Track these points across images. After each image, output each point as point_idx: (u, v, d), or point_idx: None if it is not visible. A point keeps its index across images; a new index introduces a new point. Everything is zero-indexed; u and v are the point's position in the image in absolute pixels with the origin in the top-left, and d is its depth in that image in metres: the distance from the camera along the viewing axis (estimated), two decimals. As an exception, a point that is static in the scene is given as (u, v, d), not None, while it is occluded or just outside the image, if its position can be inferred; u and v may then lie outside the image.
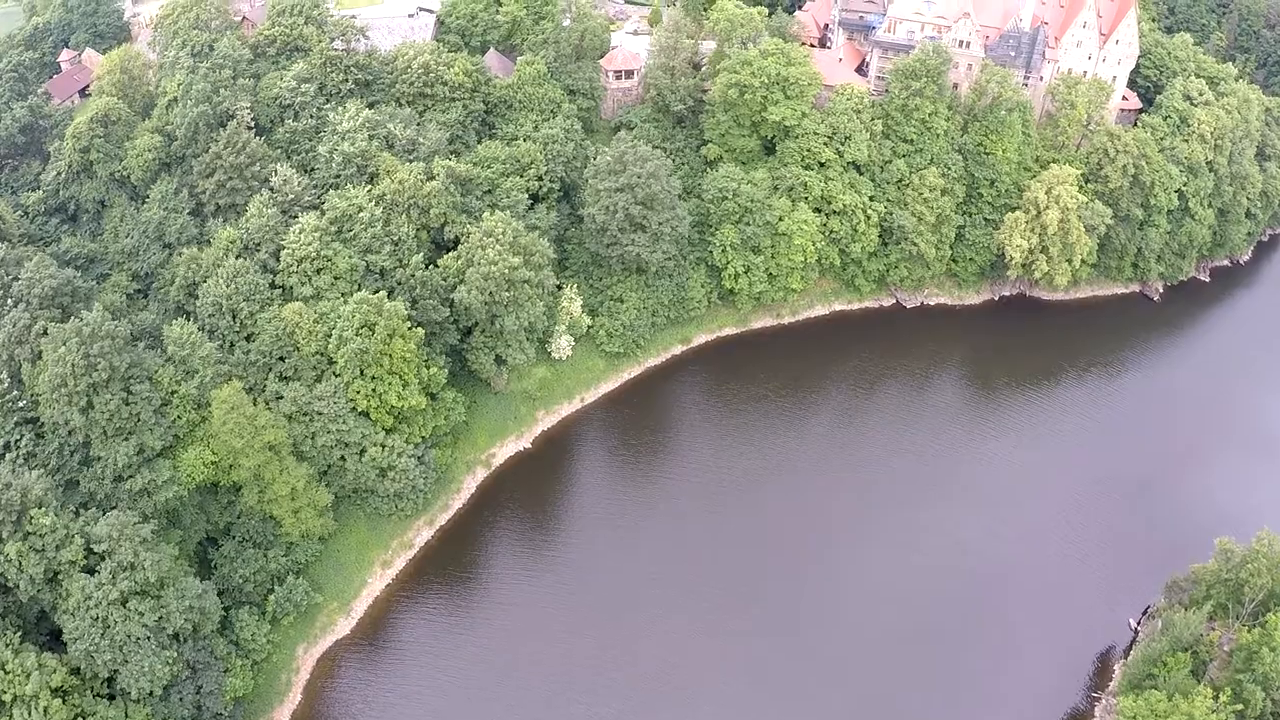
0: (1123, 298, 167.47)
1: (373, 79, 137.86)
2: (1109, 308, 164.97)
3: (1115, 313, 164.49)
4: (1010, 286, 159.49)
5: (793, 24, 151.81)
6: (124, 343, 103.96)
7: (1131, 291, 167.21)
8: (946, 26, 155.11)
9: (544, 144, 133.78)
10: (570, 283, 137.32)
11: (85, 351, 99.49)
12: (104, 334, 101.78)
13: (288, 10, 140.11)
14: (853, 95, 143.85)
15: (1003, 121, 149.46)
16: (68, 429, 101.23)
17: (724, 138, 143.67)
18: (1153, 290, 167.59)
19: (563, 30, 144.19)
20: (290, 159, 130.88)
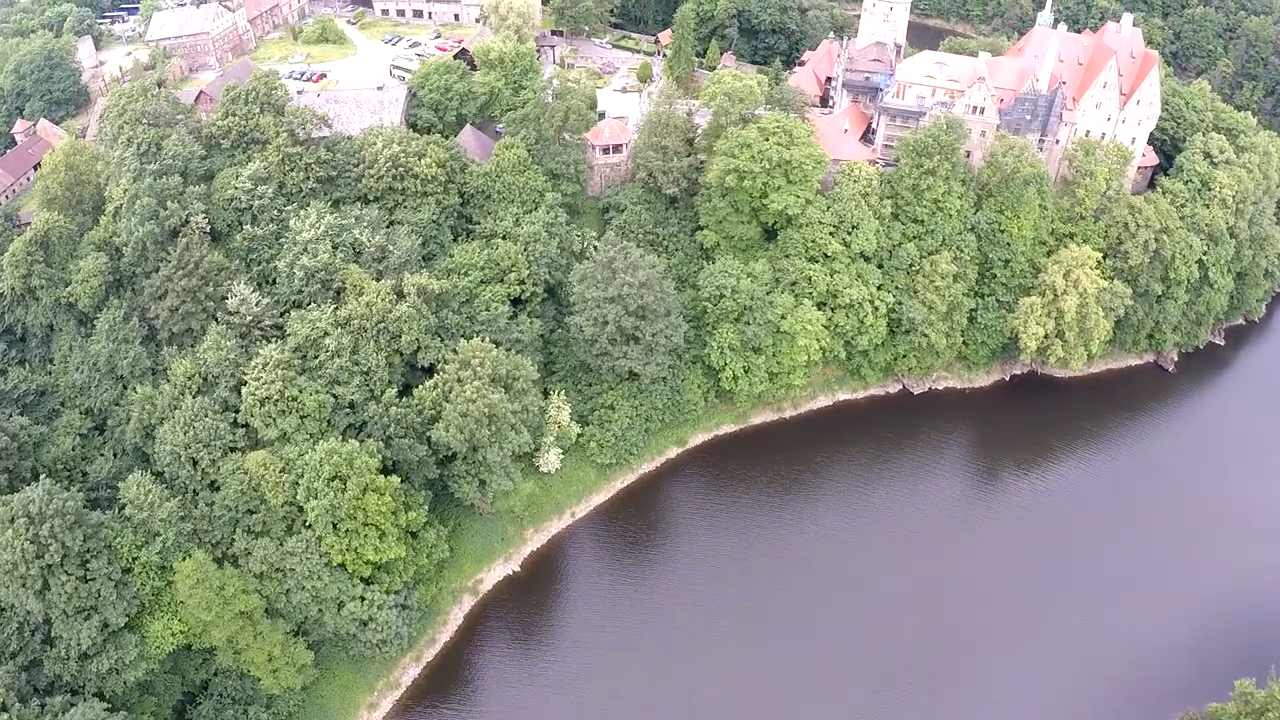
0: (1136, 370, 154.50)
1: (337, 173, 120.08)
2: (1122, 382, 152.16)
3: (1129, 387, 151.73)
4: (1021, 365, 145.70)
5: (796, 98, 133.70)
6: (75, 519, 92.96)
7: (1145, 362, 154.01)
8: (959, 91, 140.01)
9: (525, 244, 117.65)
10: (558, 388, 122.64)
11: (35, 534, 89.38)
12: (53, 512, 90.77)
13: (242, 97, 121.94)
14: (860, 178, 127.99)
15: (1019, 197, 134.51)
16: (25, 609, 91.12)
17: (721, 224, 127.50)
18: (1167, 360, 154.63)
19: (544, 109, 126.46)
20: (249, 268, 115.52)
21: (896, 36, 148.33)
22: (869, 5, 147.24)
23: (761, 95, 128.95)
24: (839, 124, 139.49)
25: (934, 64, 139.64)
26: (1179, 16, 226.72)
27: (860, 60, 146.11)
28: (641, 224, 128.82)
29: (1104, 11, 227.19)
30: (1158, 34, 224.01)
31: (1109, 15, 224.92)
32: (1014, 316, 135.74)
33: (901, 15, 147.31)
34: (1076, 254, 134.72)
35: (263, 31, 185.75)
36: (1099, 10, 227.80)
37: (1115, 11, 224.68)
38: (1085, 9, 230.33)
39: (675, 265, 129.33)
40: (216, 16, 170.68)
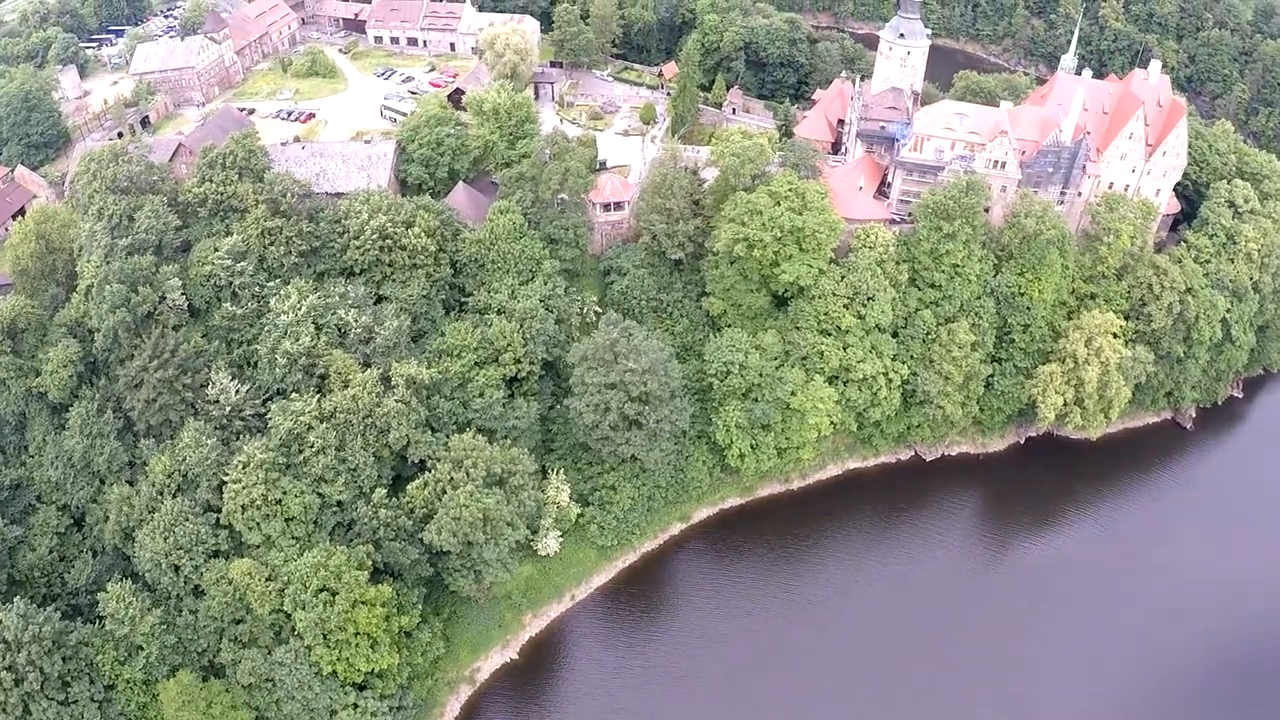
0: (1153, 428, 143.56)
1: (320, 244, 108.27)
2: (1139, 441, 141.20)
3: (1146, 447, 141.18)
4: (1036, 427, 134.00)
5: (809, 155, 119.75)
6: (53, 642, 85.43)
7: (1163, 420, 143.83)
8: (980, 145, 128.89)
9: (521, 320, 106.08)
10: (556, 467, 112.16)
11: (11, 662, 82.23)
12: (29, 638, 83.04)
13: (219, 162, 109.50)
14: (876, 244, 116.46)
15: (1041, 259, 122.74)
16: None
17: (728, 292, 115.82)
18: (1185, 417, 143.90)
19: (541, 169, 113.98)
20: (230, 349, 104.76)
21: (914, 83, 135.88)
22: (885, 49, 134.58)
23: (772, 153, 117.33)
24: (853, 179, 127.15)
25: (953, 115, 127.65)
26: (1193, 39, 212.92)
27: (875, 107, 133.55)
28: (644, 289, 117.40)
29: (1118, 34, 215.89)
30: (1172, 57, 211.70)
31: (1123, 38, 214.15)
32: (1032, 384, 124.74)
33: (919, 60, 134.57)
34: (1099, 320, 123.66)
35: (251, 62, 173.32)
36: (1113, 32, 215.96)
37: (1129, 35, 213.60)
38: (1099, 30, 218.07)
39: (680, 333, 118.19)
40: (202, 50, 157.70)
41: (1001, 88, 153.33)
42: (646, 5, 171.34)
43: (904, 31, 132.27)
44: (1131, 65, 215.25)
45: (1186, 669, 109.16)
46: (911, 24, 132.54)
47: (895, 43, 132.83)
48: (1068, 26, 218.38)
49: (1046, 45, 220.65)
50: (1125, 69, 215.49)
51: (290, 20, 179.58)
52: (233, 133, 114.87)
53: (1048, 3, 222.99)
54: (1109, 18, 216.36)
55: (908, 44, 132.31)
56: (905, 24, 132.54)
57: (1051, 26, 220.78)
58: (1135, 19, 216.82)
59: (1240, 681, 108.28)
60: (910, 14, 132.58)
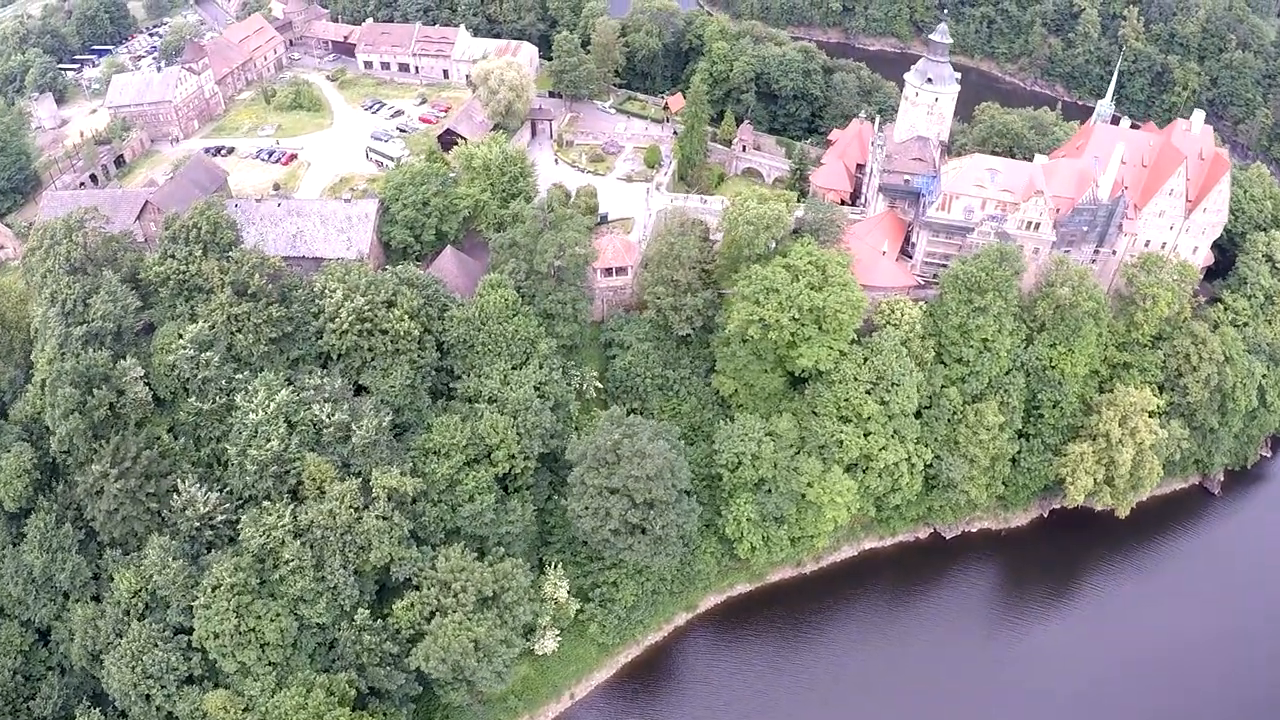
0: (1180, 494, 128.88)
1: (294, 328, 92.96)
2: (1165, 510, 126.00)
3: (1173, 515, 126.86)
4: (1060, 499, 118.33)
5: (830, 218, 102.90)
6: None
7: (1190, 485, 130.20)
8: (1013, 204, 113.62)
9: (515, 412, 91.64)
10: (554, 560, 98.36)
11: None
12: None
13: (183, 235, 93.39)
14: (902, 321, 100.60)
15: (1075, 331, 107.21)
16: None
17: (740, 372, 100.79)
18: (1213, 483, 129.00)
19: (535, 238, 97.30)
20: (198, 447, 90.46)
21: (941, 132, 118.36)
22: (910, 94, 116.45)
23: (790, 219, 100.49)
24: (875, 240, 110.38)
25: (984, 171, 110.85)
26: (1215, 61, 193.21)
27: (900, 159, 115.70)
28: (649, 366, 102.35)
29: (1138, 54, 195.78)
30: (1193, 80, 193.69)
31: (1143, 59, 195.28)
32: (1061, 463, 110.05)
33: (948, 107, 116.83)
34: (1135, 398, 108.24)
35: (234, 90, 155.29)
36: (1133, 52, 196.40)
37: (1150, 56, 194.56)
38: (1118, 50, 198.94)
39: (687, 413, 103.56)
40: (179, 82, 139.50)
41: (1028, 126, 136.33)
42: (651, 31, 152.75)
43: (932, 76, 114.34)
44: (1152, 86, 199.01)
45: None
46: (940, 68, 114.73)
47: (922, 88, 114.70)
48: (1086, 45, 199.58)
49: (1064, 65, 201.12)
50: (1146, 90, 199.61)
51: (276, 44, 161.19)
52: (196, 202, 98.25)
53: (1066, 20, 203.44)
54: (1129, 37, 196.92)
55: (936, 90, 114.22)
56: (933, 68, 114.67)
57: (1070, 45, 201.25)
58: (1156, 39, 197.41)
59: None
60: (939, 57, 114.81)
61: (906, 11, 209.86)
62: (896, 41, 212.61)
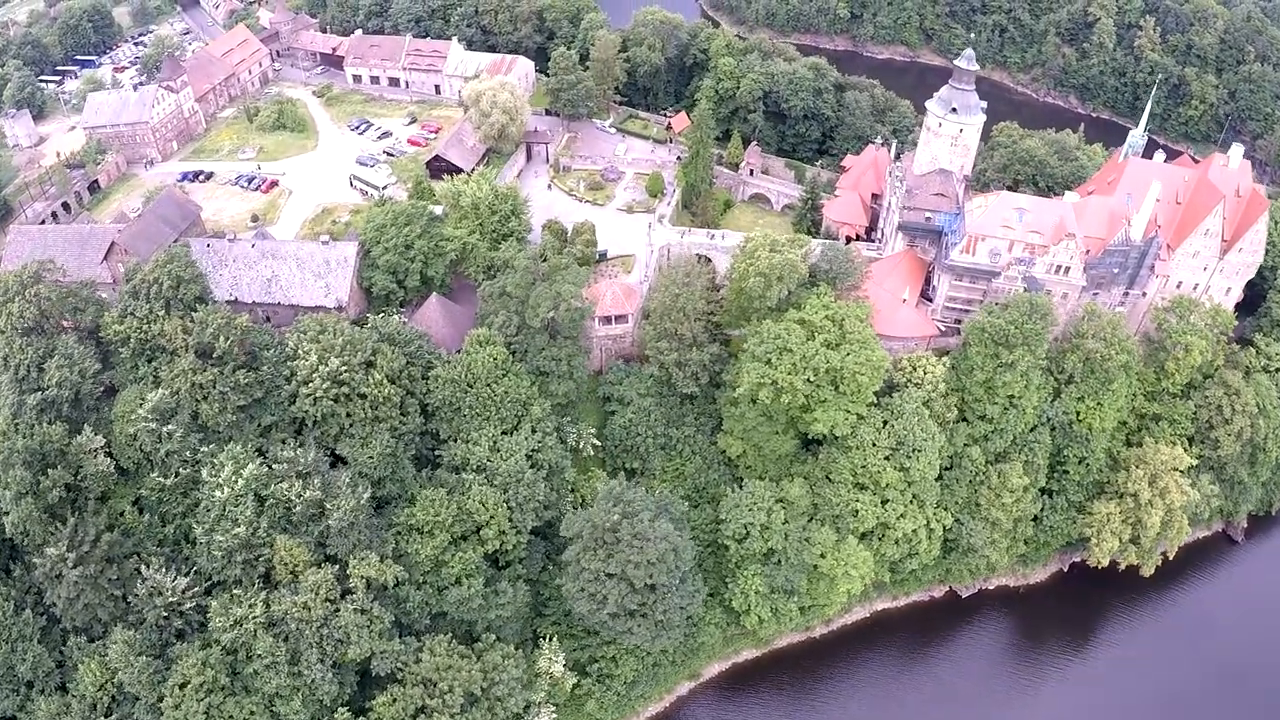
0: (1203, 543, 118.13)
1: (265, 393, 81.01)
2: (1187, 558, 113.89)
3: (1195, 565, 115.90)
4: (1082, 555, 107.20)
5: (848, 266, 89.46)
6: None
7: (1214, 533, 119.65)
8: (1042, 247, 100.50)
9: (505, 485, 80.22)
10: (549, 633, 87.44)
11: None
12: None
13: (144, 290, 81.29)
14: (924, 380, 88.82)
15: (1105, 384, 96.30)
16: None
17: (749, 433, 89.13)
18: (1236, 530, 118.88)
19: (528, 290, 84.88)
20: (164, 524, 79.31)
21: (965, 165, 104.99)
22: (932, 124, 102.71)
23: (804, 270, 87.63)
24: (894, 284, 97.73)
25: (1012, 210, 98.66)
26: (1233, 74, 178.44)
27: (920, 194, 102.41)
28: (650, 425, 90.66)
29: (1154, 65, 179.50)
30: (1211, 92, 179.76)
31: (1160, 70, 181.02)
32: (1085, 521, 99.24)
33: (973, 138, 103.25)
34: (1165, 456, 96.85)
35: (216, 107, 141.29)
36: (1149, 64, 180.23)
37: (1166, 67, 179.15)
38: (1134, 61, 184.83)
39: (691, 474, 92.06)
40: (156, 102, 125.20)
41: (1050, 152, 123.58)
42: (653, 45, 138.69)
43: (957, 105, 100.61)
44: (1170, 98, 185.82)
45: None
46: (966, 96, 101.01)
47: (945, 119, 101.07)
48: (1102, 56, 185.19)
49: (1079, 76, 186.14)
50: (1162, 103, 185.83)
51: (261, 57, 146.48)
52: (159, 254, 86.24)
53: (1081, 30, 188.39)
54: (1145, 48, 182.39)
55: (960, 120, 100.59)
56: (959, 96, 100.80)
57: (1084, 56, 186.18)
58: (1173, 50, 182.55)
59: None
60: (964, 85, 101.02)
61: (916, 19, 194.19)
62: (906, 49, 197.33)
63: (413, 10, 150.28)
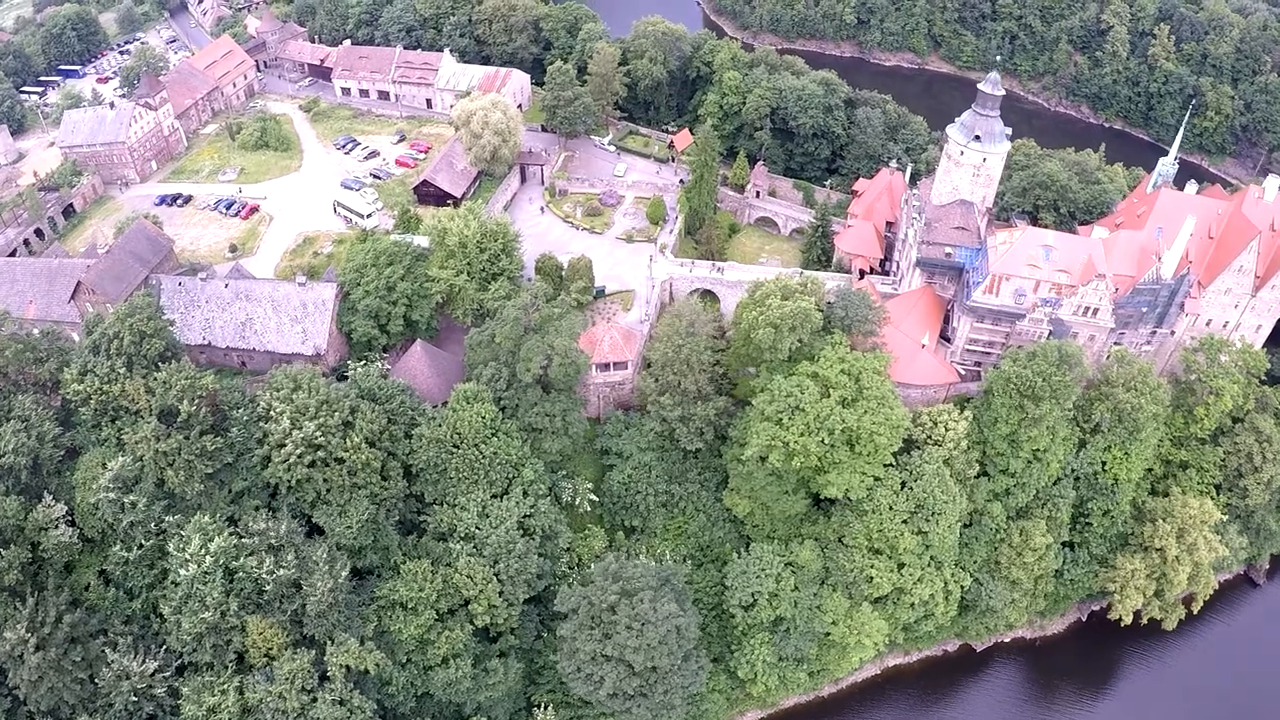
0: (1224, 586, 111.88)
1: (235, 457, 71.66)
2: (1208, 604, 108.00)
3: (1217, 611, 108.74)
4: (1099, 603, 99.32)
5: (866, 314, 79.07)
6: None
7: (1234, 576, 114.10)
8: (1070, 287, 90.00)
9: (495, 558, 71.15)
10: (544, 700, 78.10)
11: None
12: None
13: (106, 346, 71.74)
14: (946, 438, 79.02)
15: (1133, 434, 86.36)
16: None
17: (757, 493, 79.78)
18: (1258, 573, 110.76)
19: (517, 342, 75.10)
20: (131, 598, 70.49)
21: (987, 196, 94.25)
22: (953, 152, 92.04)
23: (818, 318, 77.47)
24: (912, 326, 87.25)
25: (1038, 248, 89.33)
26: (1249, 84, 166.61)
27: (940, 227, 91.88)
28: (651, 481, 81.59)
29: (1168, 75, 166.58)
30: (1226, 104, 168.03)
31: (1174, 80, 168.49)
32: (1108, 576, 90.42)
33: (997, 167, 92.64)
34: (1194, 510, 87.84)
35: (199, 122, 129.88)
36: (1163, 74, 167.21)
37: (1181, 78, 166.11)
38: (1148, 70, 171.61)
39: (695, 533, 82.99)
40: (134, 120, 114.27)
41: (1071, 175, 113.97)
42: (655, 58, 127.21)
43: (980, 133, 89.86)
44: (1183, 110, 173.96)
45: None
46: (990, 123, 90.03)
47: (968, 147, 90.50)
48: (1115, 65, 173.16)
49: (1091, 85, 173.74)
50: (1176, 114, 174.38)
51: (246, 69, 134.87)
52: (119, 306, 76.21)
53: (1093, 37, 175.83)
54: (1159, 57, 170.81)
55: (984, 149, 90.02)
56: (982, 123, 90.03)
57: (1097, 64, 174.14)
58: (1188, 59, 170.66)
59: None
60: (988, 110, 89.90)
61: (924, 26, 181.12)
62: (913, 57, 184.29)
63: (404, 19, 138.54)
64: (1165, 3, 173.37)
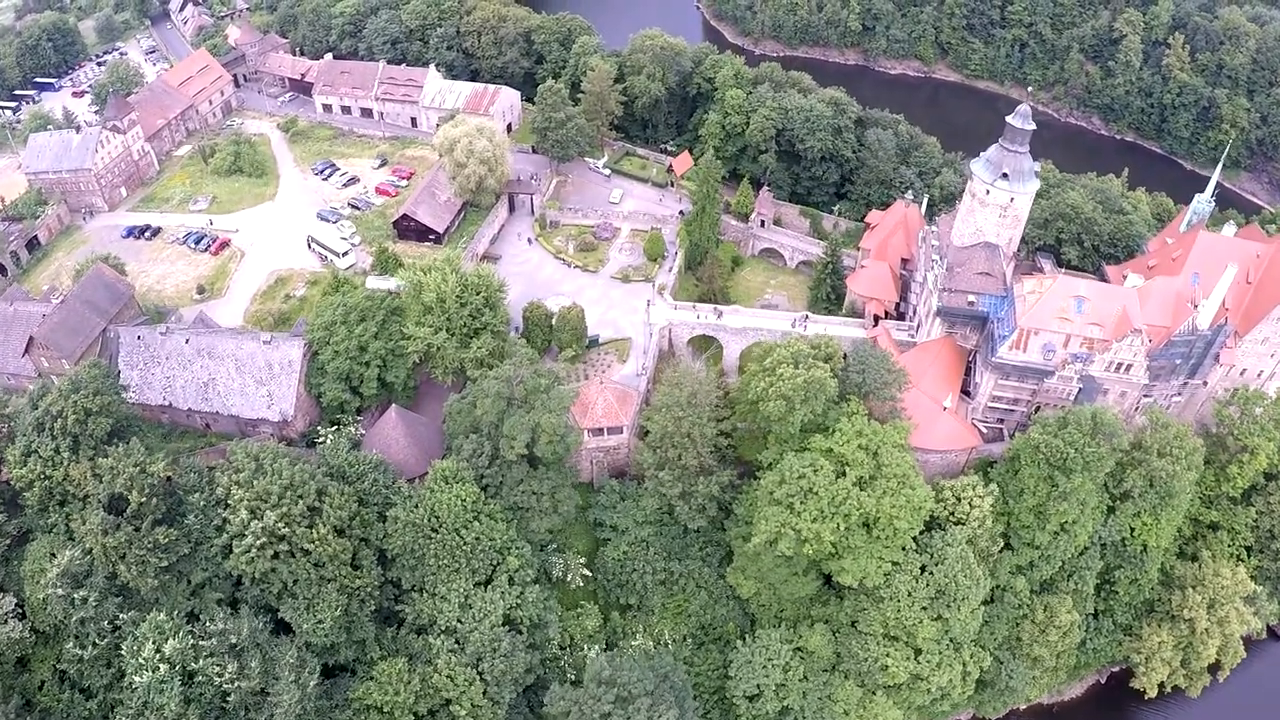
0: (1247, 642, 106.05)
1: (193, 547, 61.65)
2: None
3: (1240, 670, 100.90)
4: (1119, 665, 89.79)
5: (887, 378, 68.82)
6: None
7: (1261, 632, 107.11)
8: (1103, 342, 78.72)
9: (478, 656, 61.91)
10: None
11: None
12: None
13: (47, 427, 61.69)
14: (969, 516, 68.65)
15: (1166, 499, 76.07)
16: None
17: (764, 574, 70.15)
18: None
19: (499, 414, 64.57)
20: (88, 699, 61.07)
21: (1014, 238, 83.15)
22: (978, 191, 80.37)
23: (833, 386, 67.09)
24: (934, 386, 76.42)
25: (1070, 299, 78.32)
26: (1266, 96, 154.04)
27: (963, 273, 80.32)
28: (649, 559, 71.71)
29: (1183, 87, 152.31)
30: (1242, 116, 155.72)
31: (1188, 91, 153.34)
32: (1133, 646, 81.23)
33: (1025, 207, 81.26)
34: (1226, 581, 78.61)
35: (172, 144, 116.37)
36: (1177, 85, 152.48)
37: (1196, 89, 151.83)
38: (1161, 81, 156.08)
39: (695, 612, 73.26)
40: (101, 145, 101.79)
41: (1096, 207, 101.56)
42: (653, 75, 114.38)
43: (1008, 171, 78.34)
44: (1198, 121, 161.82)
45: None
46: (1019, 160, 78.32)
47: (995, 185, 79.07)
48: (1128, 75, 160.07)
49: (1103, 95, 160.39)
50: (1190, 126, 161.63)
51: (223, 85, 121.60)
52: (62, 380, 66.10)
53: (1105, 46, 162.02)
54: (1173, 67, 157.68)
55: (1012, 189, 78.71)
56: (1010, 160, 78.29)
57: (1109, 75, 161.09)
58: (1202, 70, 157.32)
59: None
60: (1017, 146, 78.06)
61: (931, 33, 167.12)
62: (920, 65, 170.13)
63: (389, 31, 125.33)
64: (1179, 11, 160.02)
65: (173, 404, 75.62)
